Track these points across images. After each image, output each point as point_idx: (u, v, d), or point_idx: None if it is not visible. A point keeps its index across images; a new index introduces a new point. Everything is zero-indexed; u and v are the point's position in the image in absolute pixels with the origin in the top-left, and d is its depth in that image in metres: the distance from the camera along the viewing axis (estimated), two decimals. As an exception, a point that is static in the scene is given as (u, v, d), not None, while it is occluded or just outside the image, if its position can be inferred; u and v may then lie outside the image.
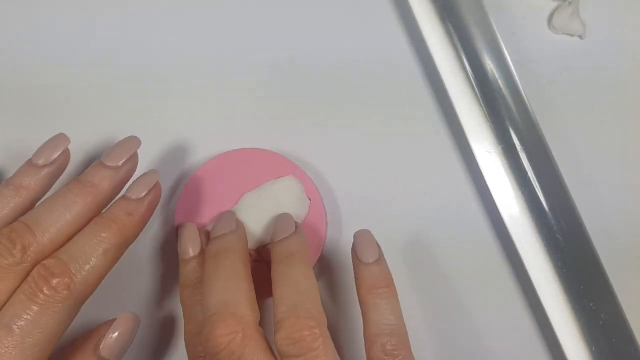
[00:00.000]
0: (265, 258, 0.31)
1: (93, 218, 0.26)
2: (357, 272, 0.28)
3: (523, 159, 0.31)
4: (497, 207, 0.30)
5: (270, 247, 0.29)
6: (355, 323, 0.31)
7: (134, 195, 0.27)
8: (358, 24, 0.33)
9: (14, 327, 0.23)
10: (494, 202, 0.30)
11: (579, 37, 0.34)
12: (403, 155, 0.33)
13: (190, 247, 0.29)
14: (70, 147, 0.29)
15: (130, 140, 0.28)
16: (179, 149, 0.32)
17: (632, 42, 0.34)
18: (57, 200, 0.26)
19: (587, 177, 0.33)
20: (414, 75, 0.33)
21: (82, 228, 0.26)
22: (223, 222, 0.29)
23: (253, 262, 0.31)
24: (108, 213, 0.27)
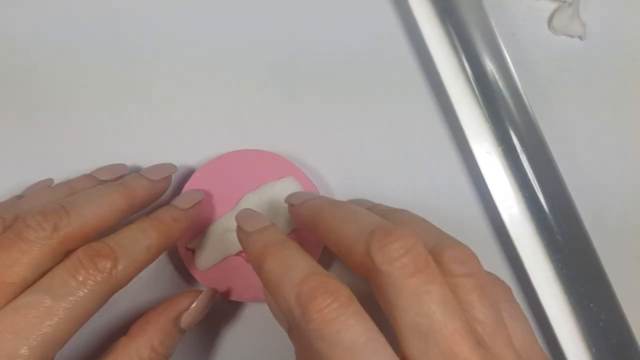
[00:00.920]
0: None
1: (123, 219, 0.27)
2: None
3: (523, 160, 0.31)
4: (497, 208, 0.30)
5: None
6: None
7: (180, 205, 0.29)
8: (358, 25, 0.33)
9: (48, 296, 0.23)
10: (494, 203, 0.30)
11: (579, 37, 0.34)
12: (403, 156, 0.33)
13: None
14: (70, 147, 0.29)
15: (169, 164, 0.31)
16: (179, 150, 0.32)
17: (632, 42, 0.34)
18: (95, 192, 0.27)
19: (587, 177, 0.33)
20: (414, 76, 0.33)
21: (111, 224, 0.27)
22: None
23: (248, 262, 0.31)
24: (156, 214, 0.28)
